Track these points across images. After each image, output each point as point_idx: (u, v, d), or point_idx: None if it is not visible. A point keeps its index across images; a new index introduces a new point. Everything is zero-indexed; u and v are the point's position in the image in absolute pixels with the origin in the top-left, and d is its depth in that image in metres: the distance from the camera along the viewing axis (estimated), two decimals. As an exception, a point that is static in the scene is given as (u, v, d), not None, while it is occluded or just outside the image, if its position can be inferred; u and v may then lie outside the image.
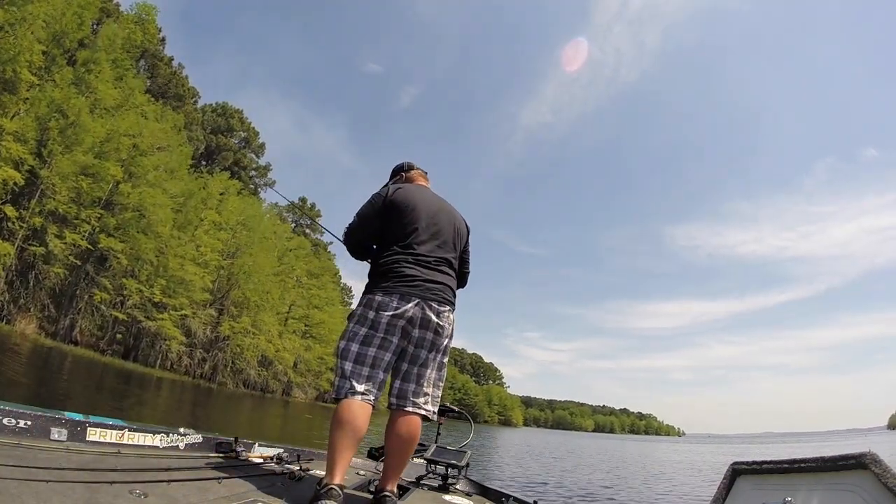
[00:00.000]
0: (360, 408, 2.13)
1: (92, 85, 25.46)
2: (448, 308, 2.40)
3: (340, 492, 1.98)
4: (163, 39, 45.31)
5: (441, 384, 2.45)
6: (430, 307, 2.31)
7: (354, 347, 2.24)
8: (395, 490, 2.24)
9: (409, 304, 2.26)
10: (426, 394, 2.36)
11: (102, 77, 25.96)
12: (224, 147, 54.52)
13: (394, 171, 2.91)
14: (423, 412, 2.33)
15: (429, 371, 2.38)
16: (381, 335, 2.25)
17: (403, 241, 2.40)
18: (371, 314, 2.27)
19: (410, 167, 2.88)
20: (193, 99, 51.60)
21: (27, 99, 22.66)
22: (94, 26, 29.87)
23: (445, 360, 2.47)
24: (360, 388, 2.15)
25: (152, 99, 34.00)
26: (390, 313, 2.24)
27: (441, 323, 2.35)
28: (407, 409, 2.30)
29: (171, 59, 48.29)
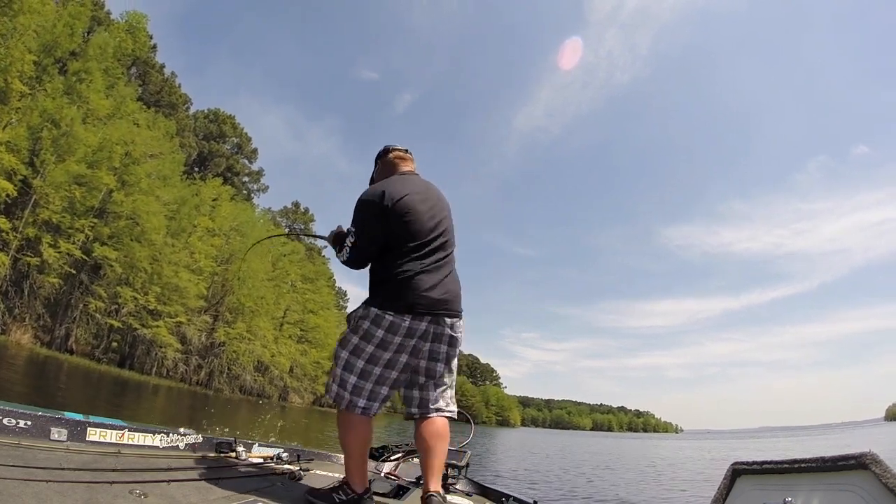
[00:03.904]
0: (367, 421, 2.26)
1: (84, 94, 25.36)
2: (459, 319, 2.33)
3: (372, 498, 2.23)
4: (154, 47, 45.20)
5: (454, 381, 2.46)
6: (444, 321, 2.24)
7: (360, 364, 2.20)
8: (440, 490, 2.18)
9: (423, 323, 2.19)
10: (444, 397, 2.37)
11: (94, 86, 25.87)
12: (216, 153, 54.30)
13: (376, 159, 2.64)
14: (448, 413, 2.36)
15: (446, 378, 2.37)
16: (390, 354, 2.19)
17: (408, 248, 2.23)
18: (380, 333, 2.16)
19: (387, 150, 2.57)
20: (185, 106, 51.46)
21: (19, 109, 22.56)
22: (86, 35, 29.77)
23: (456, 359, 2.47)
24: (361, 403, 2.21)
25: (144, 106, 33.90)
26: (402, 335, 2.17)
27: (454, 335, 2.30)
28: (429, 415, 2.31)
29: (163, 66, 48.20)
